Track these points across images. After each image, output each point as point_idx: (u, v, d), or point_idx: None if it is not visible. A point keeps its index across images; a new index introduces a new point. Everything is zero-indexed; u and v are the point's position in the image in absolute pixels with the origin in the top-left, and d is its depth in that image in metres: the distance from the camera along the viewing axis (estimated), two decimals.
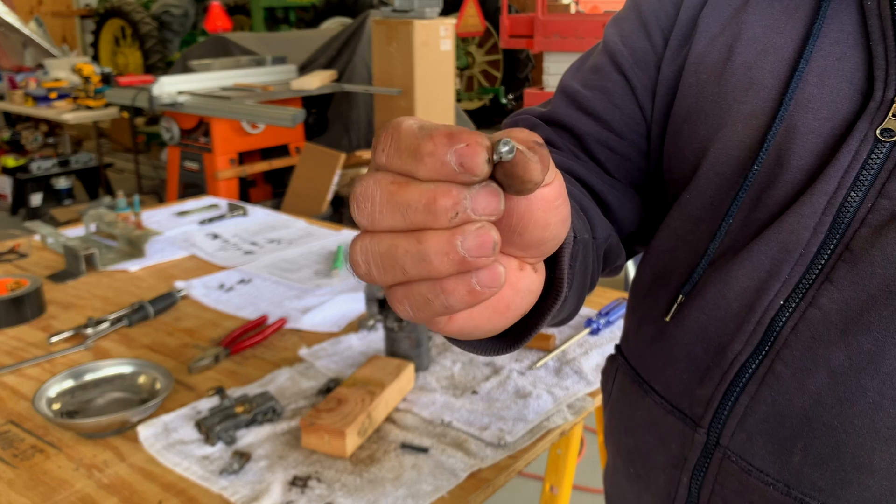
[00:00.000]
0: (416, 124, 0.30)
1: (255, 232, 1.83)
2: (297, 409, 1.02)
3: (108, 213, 1.76)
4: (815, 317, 0.51)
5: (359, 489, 0.85)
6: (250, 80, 4.26)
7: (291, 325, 1.29)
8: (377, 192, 0.31)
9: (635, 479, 0.66)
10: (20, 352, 1.21)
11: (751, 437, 0.54)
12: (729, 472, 0.56)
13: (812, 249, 0.51)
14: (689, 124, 0.60)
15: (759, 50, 0.55)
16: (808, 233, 0.51)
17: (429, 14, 3.99)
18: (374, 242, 0.31)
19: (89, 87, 4.63)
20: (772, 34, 0.55)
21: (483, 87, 8.11)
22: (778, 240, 0.52)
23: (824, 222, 0.50)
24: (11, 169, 4.89)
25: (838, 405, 0.50)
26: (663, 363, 0.61)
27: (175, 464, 0.91)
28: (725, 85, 0.57)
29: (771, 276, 0.53)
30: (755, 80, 0.55)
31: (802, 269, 0.51)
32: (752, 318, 0.53)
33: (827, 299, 0.50)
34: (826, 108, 0.52)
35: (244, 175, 4.01)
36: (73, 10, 10.18)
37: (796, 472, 0.52)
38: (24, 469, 0.90)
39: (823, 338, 0.50)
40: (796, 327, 0.52)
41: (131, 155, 5.24)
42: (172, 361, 1.17)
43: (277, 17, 8.31)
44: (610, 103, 0.65)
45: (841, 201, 0.50)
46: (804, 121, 0.52)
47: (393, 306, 0.33)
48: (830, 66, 0.52)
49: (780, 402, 0.52)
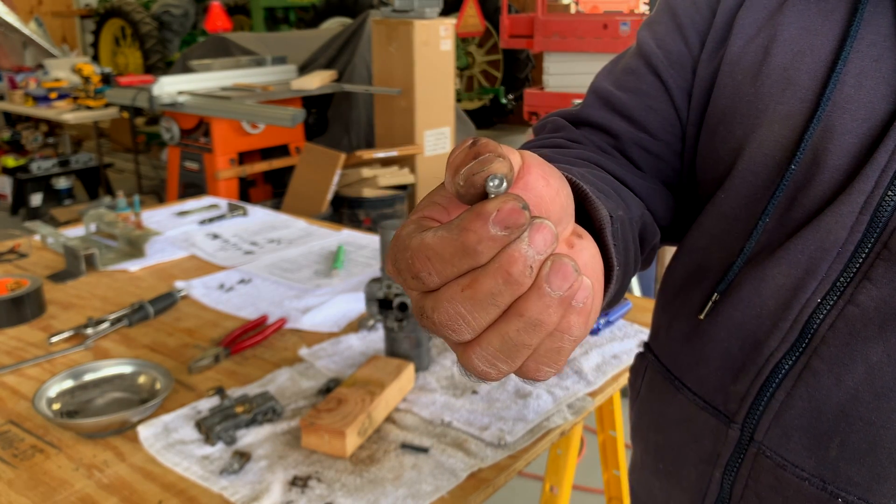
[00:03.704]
0: (433, 233, 0.30)
1: (255, 232, 1.83)
2: (297, 409, 1.02)
3: (108, 213, 1.76)
4: (853, 314, 0.52)
5: (359, 489, 0.85)
6: (250, 80, 4.26)
7: (291, 325, 1.29)
8: (458, 307, 0.30)
9: (664, 475, 0.67)
10: (20, 352, 1.21)
11: (786, 432, 0.55)
12: (763, 468, 0.56)
13: (850, 248, 0.52)
14: (724, 125, 0.61)
15: (796, 51, 0.56)
16: (845, 231, 0.52)
17: (429, 14, 3.99)
18: (487, 345, 0.31)
19: (89, 87, 4.63)
20: (808, 35, 0.56)
21: (483, 87, 8.11)
22: (815, 238, 0.53)
23: (862, 221, 0.51)
24: (11, 169, 4.89)
25: (875, 400, 0.50)
26: (696, 360, 0.62)
27: (175, 464, 0.91)
28: (762, 86, 0.58)
29: (808, 275, 0.53)
30: (792, 80, 0.56)
31: (840, 267, 0.52)
32: (788, 316, 0.54)
33: (865, 296, 0.51)
34: (864, 108, 0.52)
35: (244, 175, 4.01)
36: (73, 10, 10.18)
37: (832, 466, 0.53)
38: (24, 469, 0.90)
39: (861, 334, 0.51)
40: (834, 324, 0.52)
41: (131, 155, 5.24)
42: (172, 361, 1.17)
43: (277, 17, 8.31)
44: (645, 105, 0.65)
45: (879, 200, 0.51)
46: (841, 121, 0.53)
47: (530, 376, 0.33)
48: (868, 67, 0.53)
49: (816, 398, 0.53)
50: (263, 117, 3.59)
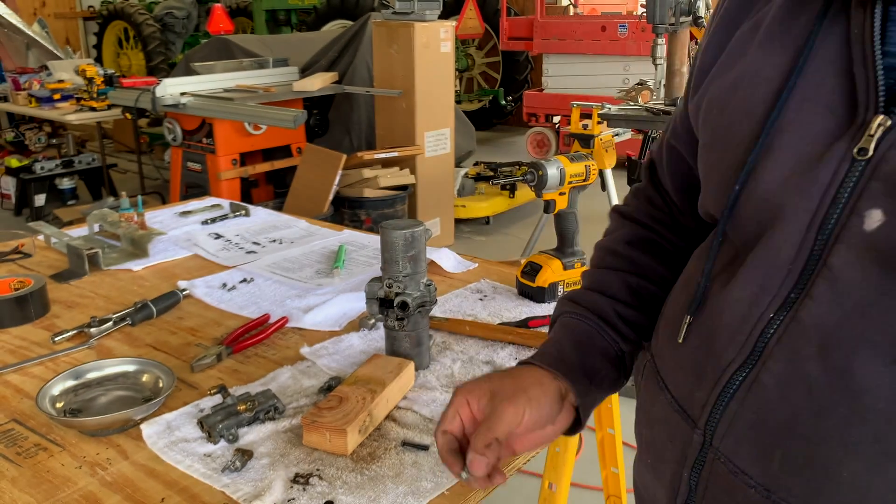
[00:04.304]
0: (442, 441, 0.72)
1: (257, 232, 1.83)
2: (298, 408, 1.03)
3: (111, 213, 1.77)
4: (795, 331, 0.54)
5: (360, 486, 0.86)
6: (252, 81, 4.27)
7: (293, 324, 1.30)
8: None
9: (651, 469, 0.70)
10: (24, 351, 1.22)
11: (738, 441, 0.57)
12: (719, 473, 0.59)
13: (799, 265, 0.54)
14: (703, 156, 0.67)
15: (756, 82, 0.60)
16: (794, 249, 0.54)
17: (429, 16, 4.00)
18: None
19: (93, 89, 4.64)
20: (766, 68, 0.60)
21: (483, 89, 8.12)
22: (767, 256, 0.56)
23: (808, 239, 0.53)
24: (15, 169, 4.91)
25: (813, 418, 0.52)
26: (676, 364, 0.66)
27: (178, 461, 0.91)
28: (727, 117, 0.63)
29: (762, 291, 0.56)
30: (748, 110, 0.60)
31: (791, 283, 0.54)
32: (744, 329, 0.57)
33: (806, 313, 0.53)
34: (801, 128, 0.56)
35: (246, 176, 4.02)
36: (76, 12, 10.20)
37: (775, 477, 0.55)
38: (28, 467, 0.91)
39: (803, 352, 0.53)
40: (780, 340, 0.55)
41: (134, 156, 5.25)
42: (175, 360, 1.18)
43: (279, 19, 8.32)
44: (674, 172, 0.80)
45: (822, 218, 0.53)
46: (779, 142, 0.57)
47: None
48: (810, 92, 0.56)
49: (763, 411, 0.55)
50: (265, 118, 3.60)
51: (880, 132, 0.50)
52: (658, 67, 2.81)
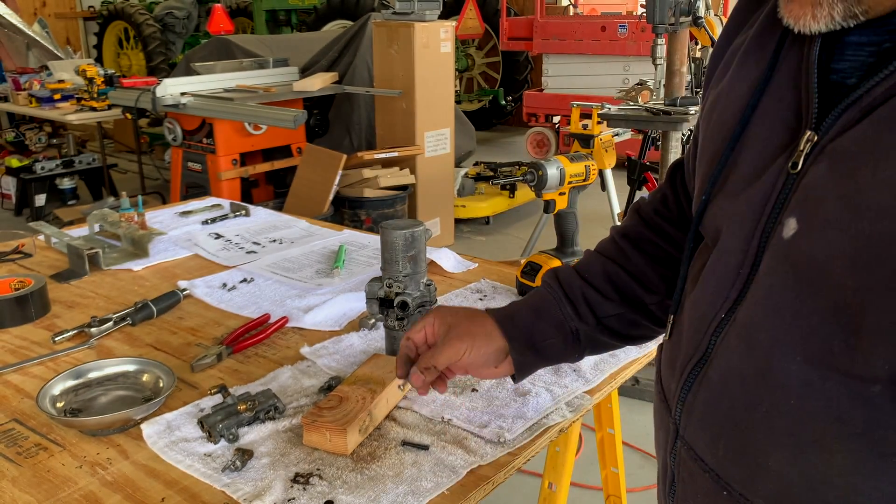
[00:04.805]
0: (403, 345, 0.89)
1: (258, 232, 1.84)
2: (298, 407, 1.03)
3: (111, 213, 1.77)
4: (732, 330, 0.60)
5: (360, 486, 0.86)
6: (252, 81, 4.27)
7: (293, 323, 1.30)
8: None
9: (656, 450, 0.77)
10: (24, 350, 1.22)
11: (695, 429, 0.64)
12: (685, 458, 0.65)
13: (745, 271, 0.59)
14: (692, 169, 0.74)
15: (731, 98, 0.65)
16: (741, 256, 0.60)
17: (429, 17, 4.01)
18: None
19: (93, 89, 4.64)
20: (738, 83, 0.65)
21: (482, 89, 8.12)
22: (722, 261, 0.62)
23: (752, 246, 0.59)
24: (16, 169, 4.91)
25: (745, 412, 0.58)
26: (665, 357, 0.72)
27: (178, 461, 0.92)
28: (708, 132, 0.68)
29: (716, 293, 0.62)
30: (723, 124, 0.66)
31: (739, 287, 0.60)
32: (701, 328, 0.63)
33: (741, 314, 0.59)
34: (761, 142, 0.61)
35: (246, 176, 4.02)
36: (77, 12, 10.20)
37: (721, 463, 0.61)
38: (28, 467, 0.91)
39: (737, 350, 0.59)
40: (723, 338, 0.61)
41: (135, 155, 5.25)
42: (175, 360, 1.18)
43: (279, 19, 8.32)
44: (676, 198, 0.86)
45: (763, 228, 0.58)
46: (742, 156, 0.62)
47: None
48: (771, 107, 0.61)
49: (710, 403, 0.62)
50: (266, 119, 3.60)
51: (808, 147, 0.55)
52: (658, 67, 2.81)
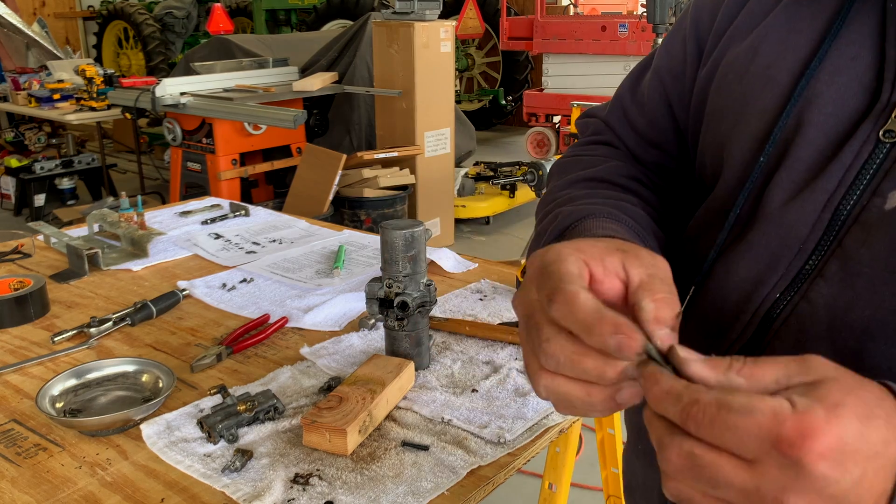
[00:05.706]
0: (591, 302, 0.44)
1: (257, 232, 1.83)
2: (298, 408, 1.03)
3: (111, 213, 1.77)
4: (804, 311, 0.52)
5: (360, 486, 0.86)
6: (252, 81, 4.27)
7: (293, 324, 1.30)
8: (562, 354, 0.44)
9: (642, 454, 0.69)
10: (24, 351, 1.22)
11: None
12: None
13: (810, 245, 0.52)
14: (715, 123, 0.64)
15: (780, 50, 0.58)
16: (806, 229, 0.53)
17: (429, 16, 4.01)
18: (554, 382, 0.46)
19: (92, 89, 4.64)
20: (793, 35, 0.57)
21: (483, 89, 8.12)
22: (778, 234, 0.54)
23: (823, 219, 0.52)
24: (15, 169, 4.91)
25: None
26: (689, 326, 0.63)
27: (177, 462, 0.91)
28: (746, 84, 0.60)
29: (770, 269, 0.54)
30: (772, 78, 0.57)
31: (800, 263, 0.53)
32: (749, 309, 0.55)
33: (817, 294, 0.52)
34: (832, 104, 0.53)
35: (246, 176, 4.02)
36: (76, 12, 10.20)
37: None
38: (28, 467, 0.91)
39: (811, 332, 0.52)
40: (787, 320, 0.53)
41: (134, 156, 5.25)
42: (175, 360, 1.18)
43: (279, 19, 8.33)
44: (648, 120, 0.74)
45: (840, 199, 0.51)
46: (809, 116, 0.54)
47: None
48: (843, 64, 0.53)
49: None
50: (265, 118, 3.60)
51: None
52: None
